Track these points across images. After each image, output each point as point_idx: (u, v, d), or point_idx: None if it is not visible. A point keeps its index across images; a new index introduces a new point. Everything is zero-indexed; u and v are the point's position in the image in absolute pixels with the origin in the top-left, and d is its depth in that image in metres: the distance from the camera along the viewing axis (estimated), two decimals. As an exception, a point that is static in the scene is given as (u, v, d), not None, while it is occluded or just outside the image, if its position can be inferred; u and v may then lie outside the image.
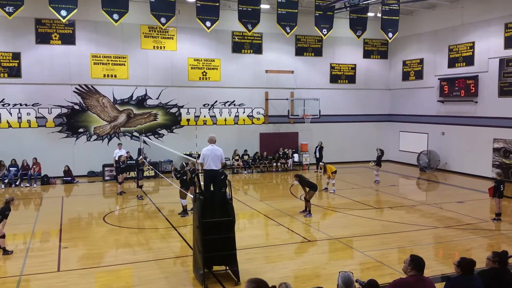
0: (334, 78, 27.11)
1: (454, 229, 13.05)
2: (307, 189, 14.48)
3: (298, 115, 25.29)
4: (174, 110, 23.86)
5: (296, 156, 25.53)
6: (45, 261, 10.28)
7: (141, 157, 18.85)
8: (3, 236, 10.91)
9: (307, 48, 26.31)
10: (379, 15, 23.46)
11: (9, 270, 9.77)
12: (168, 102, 23.68)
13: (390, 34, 23.02)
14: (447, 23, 24.00)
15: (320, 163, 21.82)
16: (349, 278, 4.89)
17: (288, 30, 21.32)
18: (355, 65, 27.53)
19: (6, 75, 20.80)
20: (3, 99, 20.84)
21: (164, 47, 23.40)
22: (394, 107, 28.22)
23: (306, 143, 25.99)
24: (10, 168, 20.39)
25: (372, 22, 24.49)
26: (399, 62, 27.73)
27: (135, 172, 18.82)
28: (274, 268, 9.77)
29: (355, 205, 16.16)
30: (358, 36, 23.18)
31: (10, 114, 21.01)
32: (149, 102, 23.36)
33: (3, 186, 19.79)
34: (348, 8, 22.15)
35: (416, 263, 5.42)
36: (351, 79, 27.54)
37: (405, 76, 27.30)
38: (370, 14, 23.71)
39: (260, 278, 4.42)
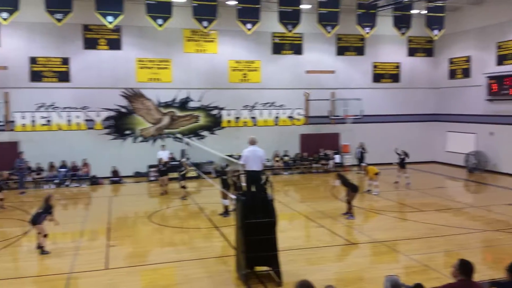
0: (377, 77, 26.63)
1: (504, 233, 12.51)
2: (348, 190, 14.29)
3: (340, 116, 25.02)
4: (215, 112, 24.17)
5: (337, 157, 25.23)
6: (93, 259, 10.67)
7: (184, 159, 19.24)
8: (46, 236, 11.33)
9: (349, 47, 25.96)
10: (423, 12, 22.84)
11: (59, 268, 10.17)
12: (209, 104, 24.01)
13: (436, 31, 22.38)
14: (495, 19, 23.05)
15: (362, 164, 21.46)
16: (396, 282, 4.80)
17: (329, 30, 21.14)
18: (399, 63, 26.93)
19: (56, 79, 21.75)
20: (54, 102, 21.78)
21: (205, 50, 23.76)
22: (440, 107, 27.36)
23: (348, 144, 25.65)
24: (60, 169, 21.30)
25: (417, 19, 23.82)
26: (445, 60, 26.87)
27: (178, 173, 19.19)
28: (317, 271, 9.70)
29: (400, 208, 15.81)
30: (402, 34, 22.67)
31: (60, 117, 21.94)
32: (191, 104, 23.78)
33: (53, 186, 20.70)
34: (391, 6, 21.69)
35: (465, 267, 5.26)
36: (395, 78, 26.95)
37: (452, 75, 26.43)
38: (414, 11, 23.10)
39: (309, 281, 4.41)
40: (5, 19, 17.90)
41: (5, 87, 21.00)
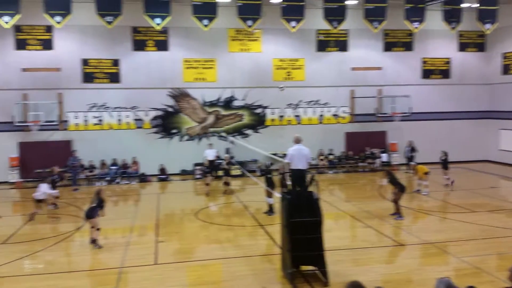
0: (426, 73, 25.82)
1: None
2: (395, 189, 13.94)
3: (387, 113, 24.47)
4: (259, 110, 24.27)
5: (384, 156, 24.67)
6: (143, 254, 11.00)
7: (227, 155, 19.48)
8: (99, 229, 11.84)
9: (396, 43, 25.33)
10: (474, 5, 21.92)
11: (111, 262, 10.56)
12: (253, 103, 24.14)
13: (488, 25, 21.45)
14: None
15: (411, 163, 20.87)
16: (449, 284, 4.65)
17: (376, 25, 20.73)
18: (449, 59, 25.98)
19: (107, 80, 22.55)
20: (105, 103, 22.60)
21: (249, 49, 23.89)
22: (493, 103, 26.17)
23: (396, 142, 25.03)
24: (111, 167, 22.10)
25: (468, 13, 22.90)
26: (498, 55, 25.66)
27: (223, 171, 19.46)
28: (363, 271, 9.55)
29: (451, 208, 15.28)
30: (453, 28, 21.89)
31: (111, 116, 22.75)
32: (235, 103, 23.99)
33: (104, 183, 21.51)
34: (441, 0, 20.97)
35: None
36: (445, 74, 26.03)
37: (505, 70, 25.20)
38: (465, 4, 22.22)
39: (359, 281, 4.37)
40: (58, 23, 18.76)
41: (59, 88, 22.00)
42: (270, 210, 14.68)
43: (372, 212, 14.88)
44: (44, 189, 14.39)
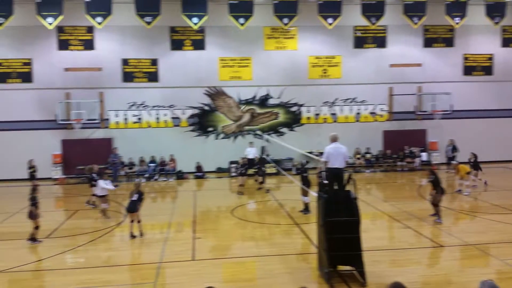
0: (467, 70, 24.99)
1: None
2: (436, 191, 13.45)
3: (427, 111, 23.86)
4: (294, 108, 24.17)
5: (424, 155, 24.05)
6: (181, 250, 11.18)
7: (257, 155, 19.42)
8: (139, 221, 12.31)
9: (437, 38, 24.62)
10: (521, -2, 21.07)
11: (150, 257, 10.79)
12: (288, 101, 24.07)
13: (535, 19, 20.52)
14: None
15: (453, 162, 20.23)
16: (494, 287, 4.49)
17: (416, 21, 20.27)
18: (492, 55, 25.04)
19: (146, 80, 23.05)
20: (144, 101, 23.11)
21: (285, 47, 23.83)
22: (540, 101, 25.06)
23: (436, 141, 24.35)
24: (150, 164, 22.58)
25: (512, 6, 22.07)
26: (545, 50, 24.54)
27: (257, 169, 19.50)
28: (402, 273, 9.35)
29: (494, 209, 14.72)
30: (496, 23, 21.12)
31: (150, 115, 23.23)
32: (270, 101, 24.00)
33: (144, 180, 22.00)
34: (484, -7, 20.26)
35: None
36: (488, 70, 25.11)
37: (554, 65, 24.09)
38: (510, -2, 21.41)
39: (402, 283, 4.30)
40: (99, 23, 19.34)
41: (100, 87, 22.67)
42: (306, 209, 14.61)
43: (411, 212, 14.54)
44: (102, 185, 14.66)
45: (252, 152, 21.16)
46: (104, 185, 14.65)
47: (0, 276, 9.69)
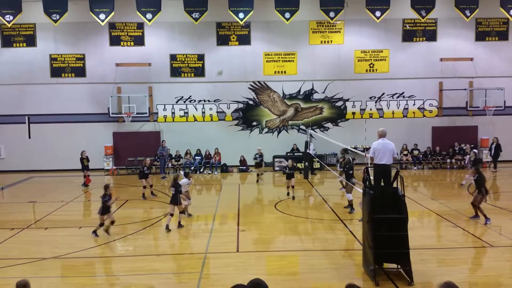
0: (523, 65, 23.82)
1: None
2: (478, 191, 12.87)
3: (479, 107, 22.98)
4: (339, 103, 23.92)
5: (475, 151, 23.15)
6: (226, 242, 11.41)
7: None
8: (183, 212, 13.00)
9: (490, 32, 23.61)
10: None
11: (196, 248, 11.14)
12: (333, 96, 23.84)
13: None
14: None
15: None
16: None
17: (468, 14, 19.54)
18: (550, 48, 23.75)
19: (192, 74, 23.50)
20: (190, 96, 23.59)
21: (331, 41, 23.58)
22: None
23: (487, 138, 23.41)
24: (196, 157, 23.05)
25: None
26: None
27: (304, 165, 19.49)
28: (449, 272, 9.14)
29: (549, 210, 14.05)
30: (557, 15, 19.95)
31: (196, 109, 23.70)
32: (315, 96, 23.86)
33: (182, 172, 22.36)
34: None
35: None
36: (545, 64, 23.84)
37: None
38: None
39: (454, 283, 4.26)
40: (149, 20, 19.86)
41: (149, 82, 23.33)
42: (350, 206, 14.34)
43: (460, 211, 14.11)
44: (183, 182, 14.10)
45: (311, 147, 21.29)
46: (185, 182, 14.17)
47: (55, 262, 10.25)
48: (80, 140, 22.53)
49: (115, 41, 23.21)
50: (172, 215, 12.71)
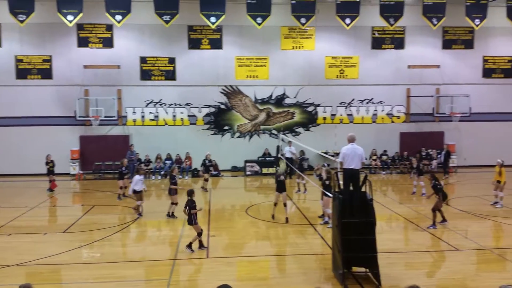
0: (487, 72, 24.62)
1: None
2: (437, 196, 13.02)
3: (445, 113, 23.59)
4: (310, 108, 24.11)
5: (441, 157, 23.74)
6: (195, 248, 11.21)
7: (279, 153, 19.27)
8: (176, 204, 14.03)
9: (456, 40, 24.32)
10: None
11: (165, 254, 10.91)
12: (305, 101, 24.02)
13: (558, 21, 20.12)
14: None
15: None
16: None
17: (435, 22, 20.03)
18: (512, 57, 24.66)
19: (163, 78, 23.23)
20: (161, 99, 23.30)
21: (302, 47, 23.77)
22: (562, 104, 24.57)
23: (454, 143, 24.05)
24: (166, 161, 22.75)
25: (536, 8, 21.64)
26: None
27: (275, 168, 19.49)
28: (417, 275, 9.29)
29: (511, 213, 14.49)
30: (518, 25, 20.73)
31: (166, 113, 23.42)
32: (287, 101, 23.99)
33: (159, 177, 22.18)
34: (505, -5, 19.95)
35: None
36: (508, 72, 24.72)
37: None
38: (533, -1, 21.02)
39: (419, 286, 4.29)
40: (118, 22, 19.52)
41: (118, 85, 22.93)
42: (323, 216, 13.79)
43: (427, 215, 14.37)
44: (135, 179, 14.49)
45: (289, 151, 21.22)
46: (136, 180, 14.38)
47: (18, 269, 9.89)
48: (45, 144, 21.89)
49: (83, 42, 22.72)
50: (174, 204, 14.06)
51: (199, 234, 11.03)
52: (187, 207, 11.12)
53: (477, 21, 20.49)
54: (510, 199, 16.57)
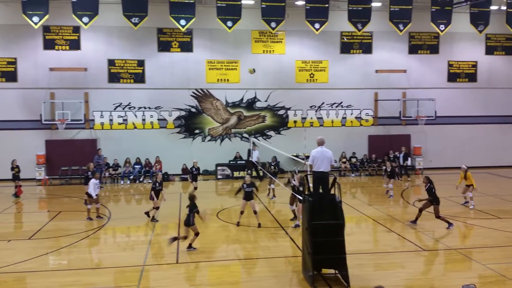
0: (452, 77, 25.37)
1: None
2: (428, 199, 13.24)
3: (411, 117, 24.15)
4: (281, 112, 24.25)
5: (408, 160, 24.29)
6: (165, 253, 11.12)
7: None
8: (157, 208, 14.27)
9: (422, 45, 24.97)
10: (503, 7, 21.49)
11: (133, 260, 10.69)
12: (276, 104, 24.14)
13: (517, 28, 20.94)
14: None
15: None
16: (475, 292, 4.56)
17: (401, 28, 20.50)
18: (476, 62, 25.48)
19: (132, 81, 22.91)
20: (129, 102, 22.96)
21: (273, 50, 23.91)
22: (521, 108, 25.57)
23: (420, 146, 24.65)
24: (135, 166, 22.41)
25: (496, 15, 22.51)
26: (527, 58, 25.08)
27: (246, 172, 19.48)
28: (385, 276, 9.45)
29: (476, 214, 14.95)
30: (480, 31, 21.52)
31: (136, 116, 23.08)
32: (258, 104, 24.05)
33: (128, 182, 21.82)
34: (468, 2, 20.62)
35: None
36: (472, 77, 25.54)
37: (535, 73, 24.62)
38: (493, 7, 21.80)
39: (383, 287, 4.35)
40: (85, 23, 19.13)
41: (85, 88, 22.48)
42: (295, 217, 13.78)
43: (395, 216, 14.69)
44: (91, 183, 14.49)
45: (254, 155, 21.15)
46: (93, 184, 14.43)
47: (-20, 278, 9.53)
48: (10, 149, 21.25)
49: (49, 45, 22.17)
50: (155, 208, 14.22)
51: (197, 234, 11.37)
52: (190, 210, 11.42)
53: (442, 26, 21.09)
54: (475, 200, 17.11)
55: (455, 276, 9.50)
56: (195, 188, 18.00)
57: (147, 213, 14.62)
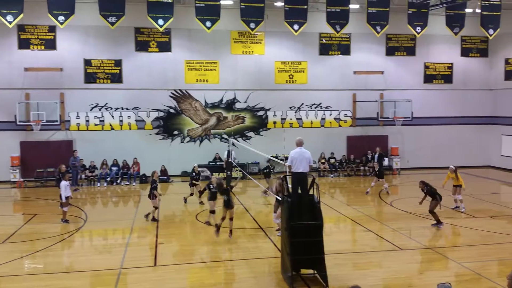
0: (428, 78, 25.80)
1: None
2: (433, 199, 13.37)
3: (389, 118, 24.46)
4: (261, 113, 24.27)
5: (386, 160, 24.63)
6: (143, 256, 10.99)
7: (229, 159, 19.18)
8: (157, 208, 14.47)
9: (399, 47, 25.33)
10: (478, 10, 21.97)
11: (110, 263, 10.53)
12: (255, 105, 24.14)
13: (491, 31, 21.43)
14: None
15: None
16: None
17: (379, 30, 20.73)
18: (451, 64, 25.97)
19: (109, 81, 22.58)
20: (106, 103, 22.62)
21: (252, 51, 23.90)
22: (495, 109, 26.15)
23: (397, 146, 25.00)
24: (112, 168, 22.08)
25: (471, 18, 22.97)
26: (501, 60, 25.66)
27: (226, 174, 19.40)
28: (363, 276, 9.53)
29: (452, 213, 15.22)
30: (456, 34, 21.91)
31: (113, 117, 22.75)
32: (237, 105, 23.99)
33: (105, 184, 21.50)
34: (444, 5, 21.00)
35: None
36: (448, 79, 26.02)
37: (508, 75, 25.20)
38: (468, 10, 22.26)
39: (360, 286, 4.37)
40: (61, 23, 18.75)
41: (61, 88, 22.04)
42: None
43: (372, 216, 14.85)
44: (62, 185, 14.36)
45: (232, 156, 21.13)
46: (63, 186, 14.23)
47: (-50, 284, 9.25)
48: (-18, 150, 20.70)
49: (24, 44, 21.67)
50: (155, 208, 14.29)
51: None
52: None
53: (418, 29, 21.40)
54: (447, 200, 17.42)
55: (432, 275, 9.65)
56: (191, 195, 17.38)
57: (146, 216, 14.47)
